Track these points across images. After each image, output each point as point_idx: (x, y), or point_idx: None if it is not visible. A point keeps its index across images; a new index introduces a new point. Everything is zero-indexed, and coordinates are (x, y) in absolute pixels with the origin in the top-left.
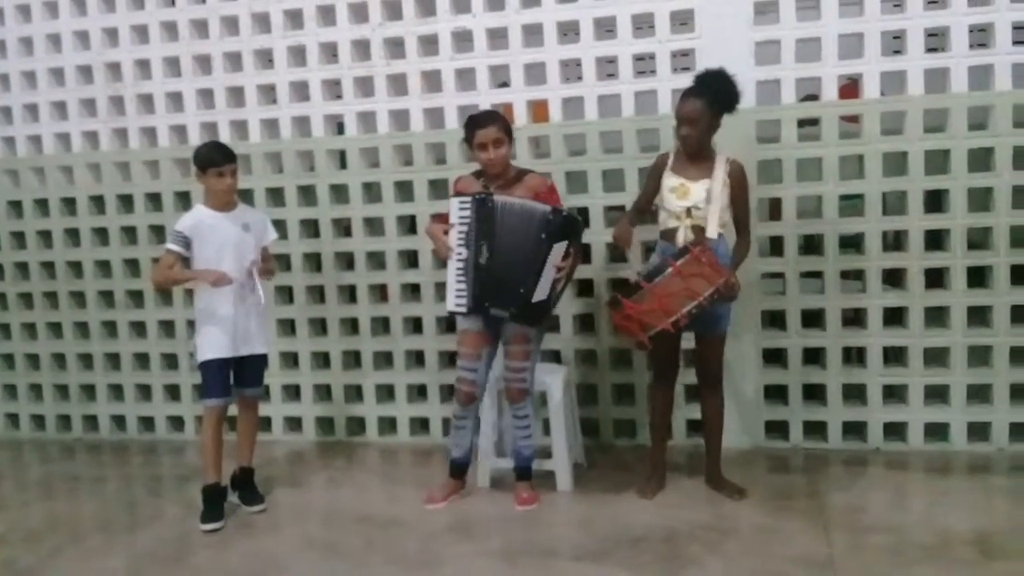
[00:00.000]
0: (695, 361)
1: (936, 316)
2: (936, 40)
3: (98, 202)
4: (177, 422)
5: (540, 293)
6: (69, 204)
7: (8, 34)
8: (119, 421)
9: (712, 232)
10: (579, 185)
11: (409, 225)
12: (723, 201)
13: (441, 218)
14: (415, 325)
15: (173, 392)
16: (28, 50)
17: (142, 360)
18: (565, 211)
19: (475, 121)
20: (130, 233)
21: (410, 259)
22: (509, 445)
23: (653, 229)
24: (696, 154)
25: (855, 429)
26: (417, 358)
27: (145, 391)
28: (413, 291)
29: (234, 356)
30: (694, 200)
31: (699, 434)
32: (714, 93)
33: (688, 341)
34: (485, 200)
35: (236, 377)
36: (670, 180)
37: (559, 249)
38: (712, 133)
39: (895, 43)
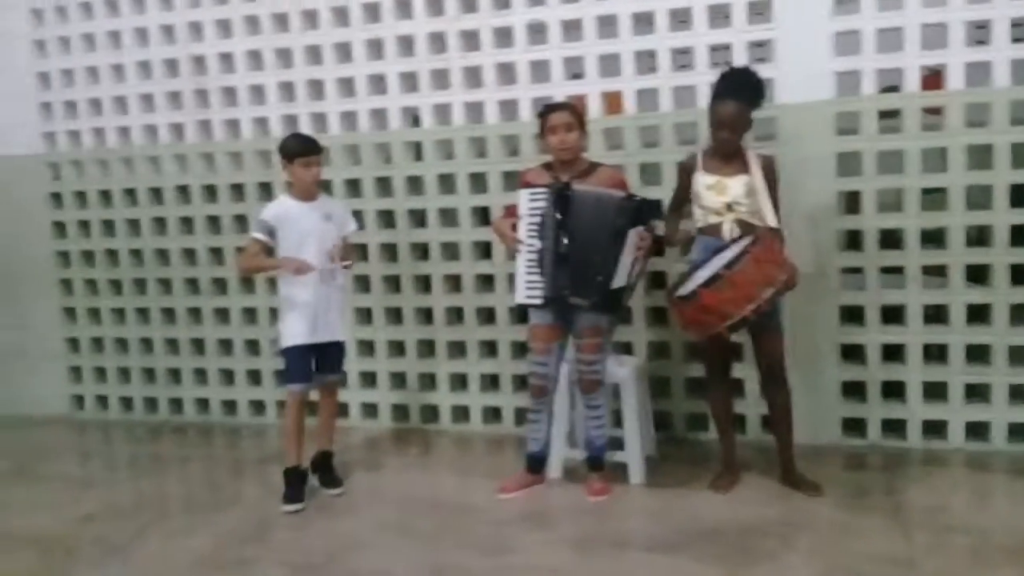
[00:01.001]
0: (756, 358)
1: (1021, 313)
2: (1022, 30)
3: (184, 192)
4: (259, 406)
5: (619, 280)
6: (156, 194)
7: (97, 28)
8: (203, 404)
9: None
10: (653, 177)
11: (483, 216)
12: (766, 193)
13: (511, 211)
14: (488, 315)
15: (255, 377)
16: (117, 44)
17: (226, 345)
18: (638, 197)
19: (547, 107)
20: (214, 222)
21: (484, 250)
22: (581, 436)
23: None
24: (732, 152)
25: (935, 428)
26: (490, 348)
27: (228, 375)
28: (486, 282)
29: (315, 343)
30: (733, 195)
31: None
32: (749, 93)
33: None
34: (563, 189)
35: (317, 363)
36: (705, 179)
37: (634, 235)
38: (747, 131)
39: (979, 33)
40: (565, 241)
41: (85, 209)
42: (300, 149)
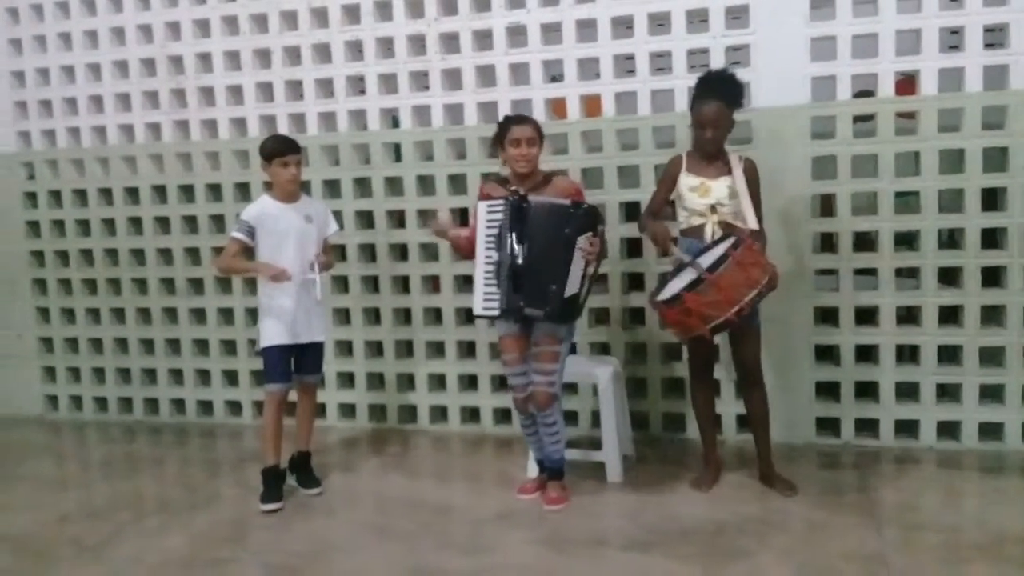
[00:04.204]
0: (733, 359)
1: (992, 315)
2: (994, 36)
3: (160, 192)
4: (235, 407)
5: (571, 288)
6: (132, 193)
7: (74, 27)
8: (179, 404)
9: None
10: (631, 180)
11: (462, 218)
12: (748, 195)
13: (472, 229)
14: (466, 316)
15: (231, 377)
16: (93, 43)
17: (202, 346)
18: (585, 204)
19: (511, 119)
20: (191, 222)
21: None
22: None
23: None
24: (715, 154)
25: (907, 427)
26: (468, 348)
27: (204, 376)
28: (465, 282)
29: (295, 343)
30: (716, 197)
31: (748, 429)
32: (730, 93)
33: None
34: (520, 202)
35: (296, 364)
36: (689, 180)
37: (583, 241)
38: (729, 132)
39: (952, 39)
40: (521, 252)
41: (59, 208)
42: (278, 149)
